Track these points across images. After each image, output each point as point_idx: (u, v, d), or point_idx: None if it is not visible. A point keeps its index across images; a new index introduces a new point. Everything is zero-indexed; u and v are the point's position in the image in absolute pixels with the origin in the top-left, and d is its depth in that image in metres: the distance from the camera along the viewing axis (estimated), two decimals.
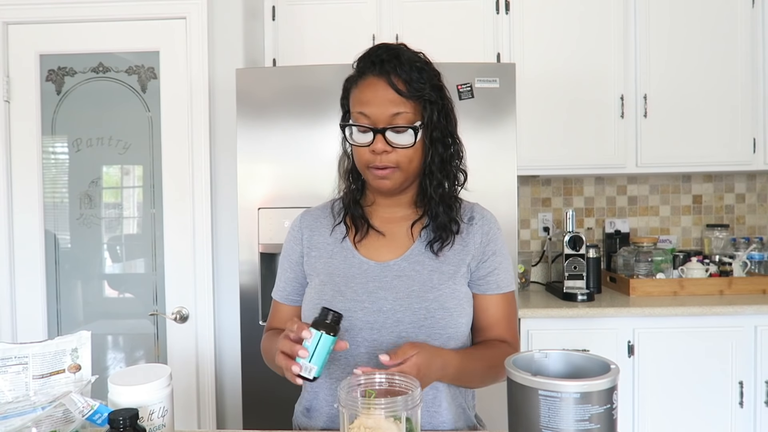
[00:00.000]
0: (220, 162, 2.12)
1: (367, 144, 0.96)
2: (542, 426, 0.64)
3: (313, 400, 1.04)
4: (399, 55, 0.97)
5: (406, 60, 0.96)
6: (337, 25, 2.36)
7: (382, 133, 0.95)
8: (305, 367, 0.83)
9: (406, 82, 0.95)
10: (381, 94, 0.95)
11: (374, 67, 0.97)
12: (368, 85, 0.97)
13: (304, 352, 0.83)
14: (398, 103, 0.95)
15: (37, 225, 2.12)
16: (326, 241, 1.08)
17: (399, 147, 0.96)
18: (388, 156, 0.96)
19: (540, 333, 2.09)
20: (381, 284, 1.00)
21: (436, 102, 0.98)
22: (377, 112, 0.95)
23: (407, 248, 1.04)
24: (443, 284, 1.00)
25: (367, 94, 0.96)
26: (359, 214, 1.06)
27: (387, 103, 0.95)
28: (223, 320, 2.14)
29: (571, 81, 2.36)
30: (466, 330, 1.02)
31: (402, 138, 0.96)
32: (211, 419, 2.11)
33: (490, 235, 1.06)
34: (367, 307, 0.98)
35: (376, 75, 0.96)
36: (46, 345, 0.93)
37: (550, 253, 2.59)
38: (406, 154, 0.97)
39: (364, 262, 1.03)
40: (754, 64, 2.35)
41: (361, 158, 0.99)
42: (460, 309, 1.00)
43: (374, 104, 0.95)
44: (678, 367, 2.08)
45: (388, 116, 0.95)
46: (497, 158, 1.84)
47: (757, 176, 2.73)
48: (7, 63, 2.10)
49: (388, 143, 0.95)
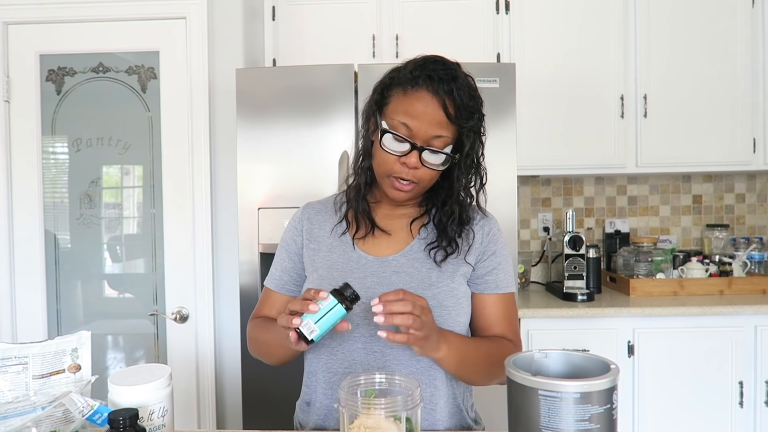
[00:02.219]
0: (220, 162, 2.12)
1: (399, 154, 0.95)
2: (542, 426, 0.64)
3: (312, 395, 1.05)
4: (457, 77, 0.95)
5: (463, 85, 0.95)
6: (337, 25, 2.36)
7: (420, 151, 0.94)
8: (308, 326, 0.83)
9: (457, 108, 0.94)
10: (431, 113, 0.93)
11: (431, 83, 0.94)
12: (419, 99, 0.94)
13: (314, 307, 0.83)
14: (444, 126, 0.94)
15: (37, 225, 2.12)
16: (326, 234, 1.08)
17: (428, 167, 0.96)
18: (415, 172, 0.96)
19: (540, 333, 2.09)
20: (379, 280, 1.00)
21: (477, 132, 0.98)
22: (421, 128, 0.93)
23: (406, 244, 1.04)
24: (442, 282, 1.00)
25: (417, 107, 0.94)
26: (365, 210, 1.06)
27: (434, 124, 0.94)
28: (223, 320, 2.14)
29: (571, 81, 2.36)
30: (464, 329, 1.02)
31: (434, 158, 0.96)
32: (211, 419, 2.11)
33: (491, 235, 1.06)
34: (363, 303, 0.98)
35: (431, 92, 0.94)
36: (46, 345, 0.93)
37: (550, 253, 2.59)
38: (431, 174, 0.97)
39: (362, 257, 1.03)
40: (754, 64, 2.35)
41: (385, 164, 0.97)
42: (459, 308, 1.00)
43: (421, 120, 0.93)
44: (678, 367, 2.08)
45: (431, 136, 0.94)
46: (497, 158, 1.84)
47: (757, 176, 2.73)
48: (7, 63, 2.10)
49: (421, 161, 0.95)
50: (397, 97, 0.97)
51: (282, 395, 1.26)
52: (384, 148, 0.96)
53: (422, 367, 0.98)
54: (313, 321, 0.83)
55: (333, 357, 1.00)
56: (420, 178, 0.97)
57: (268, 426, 1.24)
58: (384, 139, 0.96)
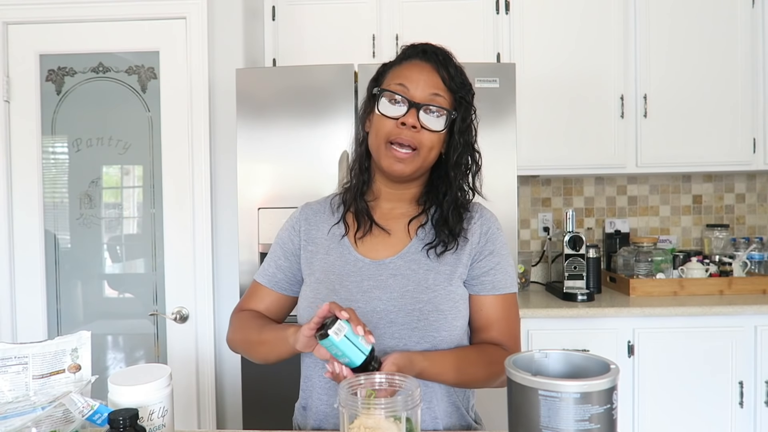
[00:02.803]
0: (220, 162, 2.12)
1: (397, 116, 0.95)
2: (542, 426, 0.64)
3: (308, 399, 1.04)
4: (448, 54, 0.99)
5: (453, 61, 0.99)
6: (337, 25, 2.36)
7: (417, 109, 0.94)
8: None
9: (451, 76, 0.96)
10: (426, 75, 0.96)
11: (424, 54, 0.98)
12: (414, 65, 0.97)
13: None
14: (440, 88, 0.96)
15: (37, 225, 2.12)
16: (324, 236, 1.07)
17: (428, 129, 0.95)
18: (413, 134, 0.95)
19: (540, 333, 2.09)
20: (376, 283, 0.99)
21: (469, 106, 0.99)
22: (417, 87, 0.95)
23: (404, 246, 1.02)
24: (438, 285, 0.98)
25: (412, 71, 0.96)
26: (364, 209, 1.04)
27: (430, 84, 0.95)
28: (223, 320, 2.14)
29: (571, 81, 2.36)
30: (460, 332, 1.00)
31: (433, 122, 0.96)
32: (211, 419, 2.11)
33: (489, 234, 1.03)
34: (360, 307, 0.97)
35: (423, 60, 0.97)
36: (46, 345, 0.93)
37: (550, 253, 2.59)
38: (431, 138, 0.96)
39: (359, 259, 1.02)
40: (754, 64, 2.35)
41: (383, 129, 0.96)
42: (455, 311, 0.98)
43: (416, 81, 0.95)
44: (678, 367, 2.08)
45: (428, 95, 0.95)
46: (497, 158, 1.84)
47: (757, 176, 2.73)
48: (7, 63, 2.10)
49: (419, 121, 0.95)
50: (392, 71, 1.00)
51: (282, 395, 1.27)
52: (381, 112, 0.96)
53: None
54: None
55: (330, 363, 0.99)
56: (420, 143, 0.95)
57: (268, 426, 1.24)
58: (381, 106, 0.97)
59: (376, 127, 0.98)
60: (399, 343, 0.96)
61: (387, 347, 0.95)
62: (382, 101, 0.96)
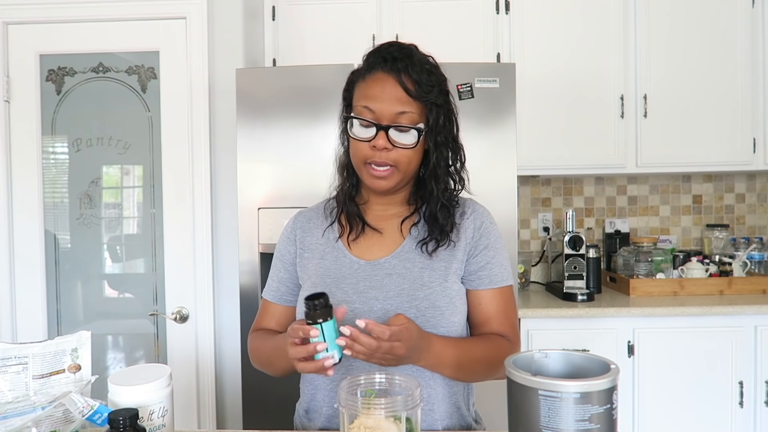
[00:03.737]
0: (220, 162, 2.12)
1: (368, 139, 0.95)
2: (542, 426, 0.64)
3: (311, 402, 1.04)
4: (411, 55, 0.96)
5: (418, 61, 0.96)
6: (337, 25, 2.36)
7: (385, 131, 0.94)
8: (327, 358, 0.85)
9: (415, 83, 0.94)
10: (389, 91, 0.94)
11: (385, 64, 0.96)
12: (376, 81, 0.96)
13: (322, 346, 0.83)
14: (405, 102, 0.94)
15: (37, 225, 2.12)
16: (318, 241, 1.07)
17: (400, 147, 0.95)
18: (387, 154, 0.95)
19: (540, 333, 2.09)
20: (372, 283, 0.99)
21: (442, 106, 0.98)
22: (383, 108, 0.94)
23: (398, 245, 1.02)
24: (434, 282, 0.98)
25: (374, 89, 0.95)
26: (354, 212, 1.05)
27: (394, 101, 0.94)
28: (223, 320, 2.14)
29: (571, 81, 2.36)
30: (458, 328, 1.00)
31: (404, 138, 0.95)
32: (211, 419, 2.11)
33: (482, 229, 1.03)
34: (357, 308, 0.97)
35: (386, 71, 0.95)
36: (46, 345, 0.93)
37: (550, 253, 2.59)
38: (406, 155, 0.96)
39: (354, 261, 1.02)
40: (754, 64, 2.35)
41: (359, 153, 0.97)
42: (453, 308, 0.98)
43: (381, 100, 0.94)
44: (678, 367, 2.08)
45: (394, 114, 0.94)
46: (497, 158, 1.84)
47: (757, 176, 2.73)
48: (7, 63, 2.10)
49: (390, 141, 0.94)
50: (359, 86, 0.99)
51: (282, 395, 1.27)
52: (353, 135, 0.97)
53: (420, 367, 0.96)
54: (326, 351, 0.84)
55: None
56: (396, 161, 0.95)
57: (268, 426, 1.24)
58: (353, 129, 0.97)
59: (353, 148, 0.99)
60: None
61: None
62: (354, 123, 0.97)
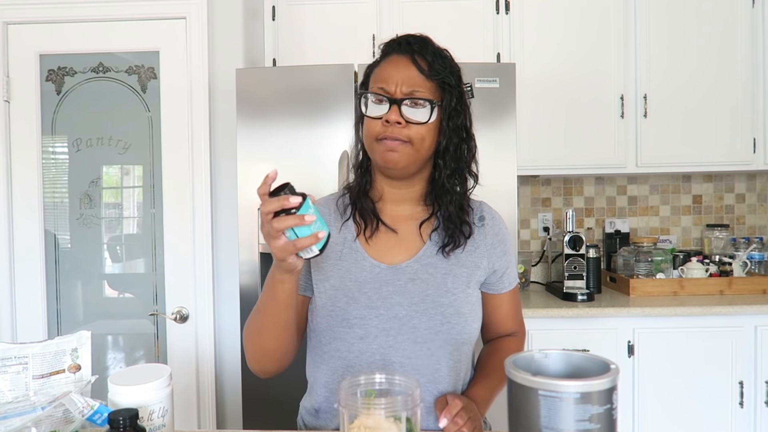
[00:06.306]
0: (220, 162, 2.12)
1: (380, 116, 0.94)
2: (542, 426, 0.64)
3: (323, 403, 1.02)
4: (426, 41, 0.98)
5: (431, 46, 0.98)
6: (337, 24, 2.36)
7: (398, 104, 0.93)
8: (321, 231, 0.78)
9: (429, 64, 0.95)
10: (402, 70, 0.95)
11: (399, 47, 0.97)
12: (391, 62, 0.97)
13: (311, 217, 0.77)
14: (419, 81, 0.94)
15: (37, 225, 2.12)
16: (334, 240, 1.02)
17: (413, 122, 0.94)
18: (400, 130, 0.93)
19: (540, 333, 2.09)
20: (395, 289, 0.97)
21: (454, 87, 0.98)
22: (397, 86, 0.94)
23: (418, 249, 1.01)
24: (457, 288, 0.98)
25: (388, 70, 0.96)
26: (369, 207, 1.02)
27: (407, 80, 0.94)
28: (223, 320, 2.14)
29: (571, 81, 2.36)
30: (476, 334, 1.03)
31: (418, 113, 0.94)
32: (211, 419, 2.11)
33: (500, 236, 1.05)
34: (382, 314, 0.96)
35: (400, 53, 0.97)
36: (46, 345, 0.93)
37: (550, 253, 2.59)
38: (419, 131, 0.94)
39: (375, 265, 0.99)
40: (754, 64, 2.35)
41: (371, 130, 0.96)
42: (474, 314, 1.01)
43: (394, 79, 0.94)
44: (678, 367, 2.08)
45: (407, 89, 0.94)
46: (497, 158, 1.84)
47: (757, 176, 2.73)
48: (7, 63, 2.10)
49: (403, 117, 0.93)
50: (374, 72, 1.00)
51: (282, 395, 1.27)
52: (366, 113, 0.97)
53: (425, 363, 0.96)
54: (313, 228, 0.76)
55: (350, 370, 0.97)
56: (409, 137, 0.94)
57: (268, 426, 1.24)
58: (365, 108, 0.97)
59: (366, 128, 0.98)
60: (422, 347, 0.96)
61: (410, 351, 0.95)
62: (368, 104, 0.97)
